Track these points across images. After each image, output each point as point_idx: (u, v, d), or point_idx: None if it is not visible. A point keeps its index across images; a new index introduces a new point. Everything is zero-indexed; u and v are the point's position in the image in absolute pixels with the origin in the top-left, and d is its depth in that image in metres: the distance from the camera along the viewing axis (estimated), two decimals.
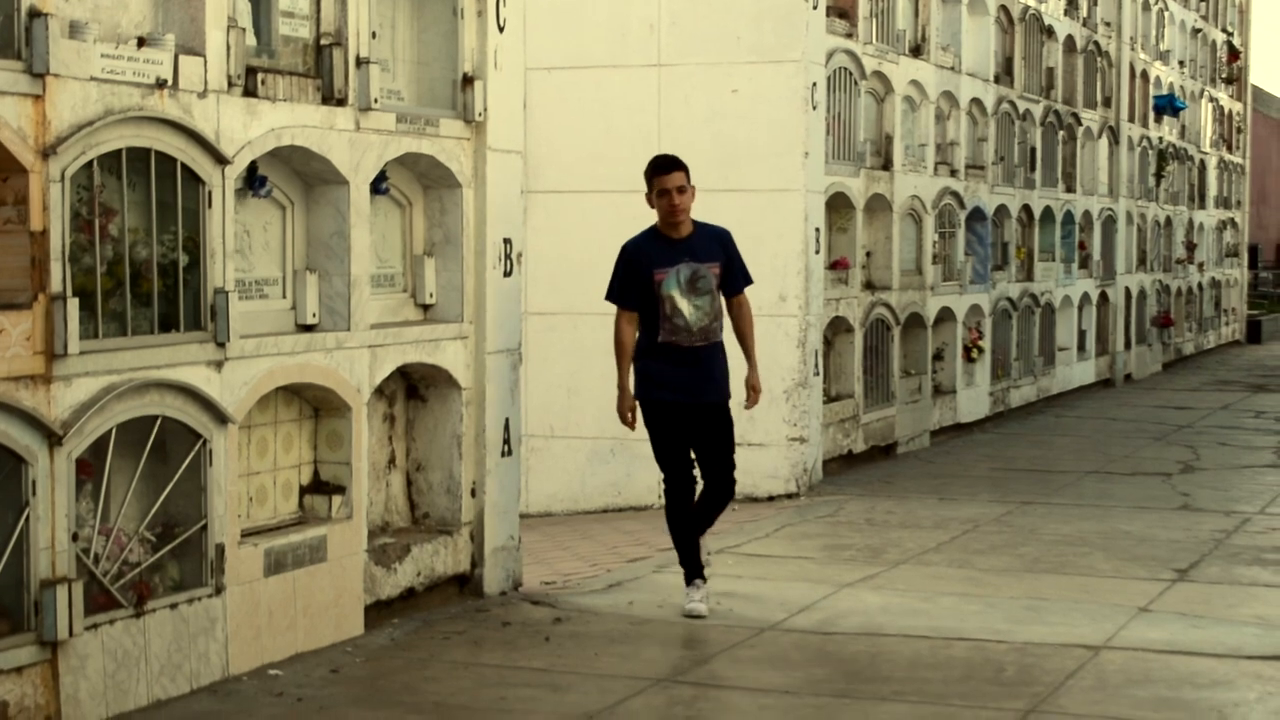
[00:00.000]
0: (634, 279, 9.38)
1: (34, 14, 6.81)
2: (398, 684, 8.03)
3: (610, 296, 9.59)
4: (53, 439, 6.87)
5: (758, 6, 14.01)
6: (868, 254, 16.28)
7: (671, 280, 9.31)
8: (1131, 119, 26.39)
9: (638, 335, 9.54)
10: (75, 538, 7.07)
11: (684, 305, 9.30)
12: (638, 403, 9.58)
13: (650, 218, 9.51)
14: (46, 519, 6.87)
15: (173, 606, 7.64)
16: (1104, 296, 24.93)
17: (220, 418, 7.81)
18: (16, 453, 6.75)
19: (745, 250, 13.89)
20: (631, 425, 9.61)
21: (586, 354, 14.06)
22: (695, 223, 9.57)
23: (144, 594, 7.47)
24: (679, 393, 9.43)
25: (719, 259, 9.53)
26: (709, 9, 14.07)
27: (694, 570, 9.57)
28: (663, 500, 14.02)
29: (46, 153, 6.86)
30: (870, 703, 7.72)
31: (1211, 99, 33.31)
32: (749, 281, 9.85)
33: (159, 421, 7.55)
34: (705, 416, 9.52)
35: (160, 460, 7.65)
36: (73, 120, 6.99)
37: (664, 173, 9.37)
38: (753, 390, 9.78)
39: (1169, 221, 29.46)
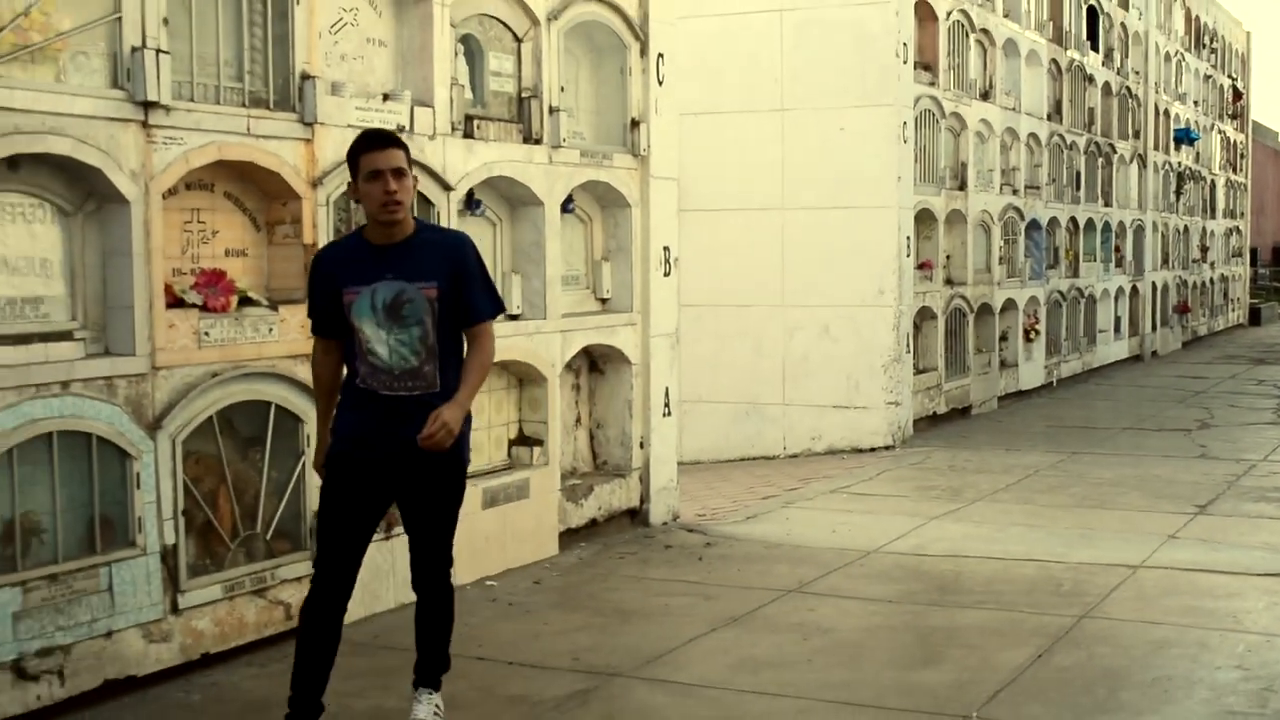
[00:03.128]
0: (324, 298, 5.54)
1: (305, 77, 6.95)
2: (585, 593, 8.08)
3: (310, 318, 5.77)
4: None
5: (860, 63, 13.93)
6: (947, 256, 16.14)
7: (364, 304, 5.41)
8: (1156, 148, 26.01)
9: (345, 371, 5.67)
10: None
11: (380, 340, 5.42)
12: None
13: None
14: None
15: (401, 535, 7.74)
16: (1134, 289, 24.58)
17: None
18: (294, 413, 6.88)
19: (851, 256, 13.99)
20: None
21: (725, 337, 14.11)
22: (421, 224, 5.69)
23: (391, 522, 7.55)
24: (369, 450, 5.48)
25: (438, 277, 5.48)
26: (821, 65, 14.01)
27: (301, 711, 5.50)
28: (787, 450, 14.14)
29: (315, 183, 6.99)
30: (956, 609, 7.67)
31: (1219, 131, 32.75)
32: (495, 309, 5.75)
33: None
34: (408, 486, 5.58)
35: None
36: (334, 158, 7.09)
37: (377, 148, 5.45)
38: (435, 420, 5.33)
39: (1186, 229, 29.01)
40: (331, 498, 5.53)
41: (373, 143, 5.48)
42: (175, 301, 6.40)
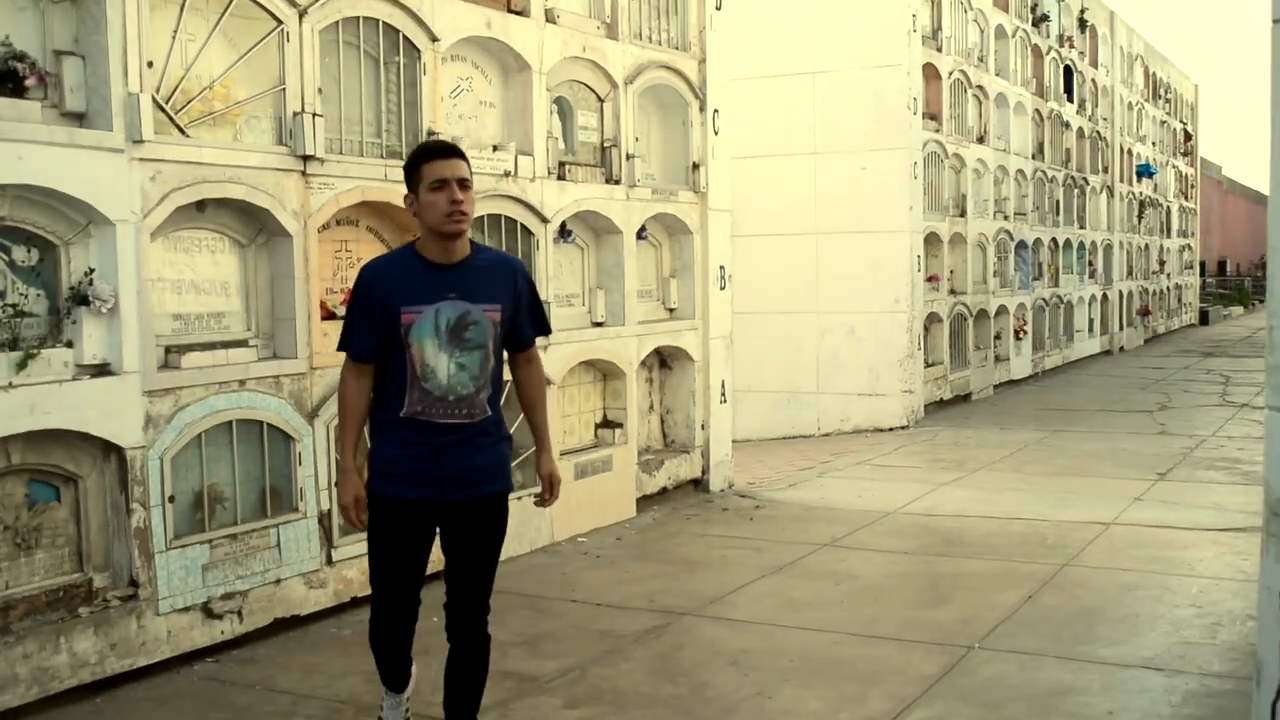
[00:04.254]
0: (372, 317, 4.23)
1: (430, 133, 6.97)
2: (658, 547, 8.08)
3: (341, 344, 4.36)
4: None
5: (878, 114, 13.85)
6: (951, 271, 15.99)
7: (426, 324, 4.18)
8: (1121, 180, 25.68)
9: (377, 399, 4.32)
10: None
11: (440, 363, 4.19)
12: (365, 495, 4.30)
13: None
14: None
15: (519, 498, 7.69)
16: (1105, 296, 24.27)
17: (546, 381, 7.90)
18: None
19: (872, 271, 13.92)
20: (358, 523, 4.31)
21: (769, 339, 14.07)
22: (474, 245, 4.34)
23: None
24: (421, 487, 4.23)
25: (504, 300, 4.30)
26: (846, 117, 13.93)
27: (396, 678, 4.52)
28: (821, 430, 14.07)
29: None
30: (960, 559, 7.61)
31: (1173, 166, 32.29)
32: (545, 330, 4.63)
33: (508, 384, 7.64)
34: (461, 520, 4.30)
35: (509, 407, 7.72)
36: None
37: (440, 157, 4.22)
38: (550, 482, 4.63)
39: (1147, 247, 28.62)
40: (385, 541, 4.26)
41: (436, 152, 4.23)
42: (328, 315, 6.46)
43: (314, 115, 6.22)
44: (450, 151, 4.22)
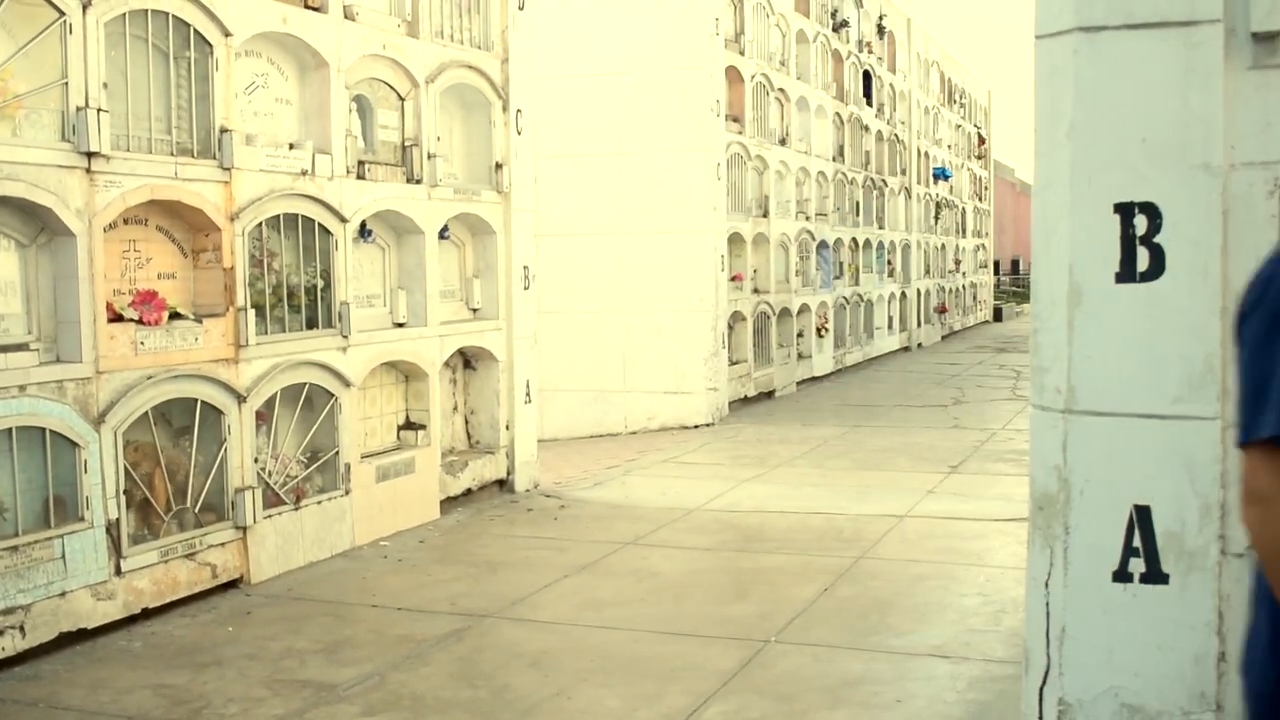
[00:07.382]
0: None
1: (223, 130, 6.81)
2: (461, 549, 8.03)
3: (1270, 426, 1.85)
4: (240, 398, 6.88)
5: (682, 116, 14.01)
6: (754, 270, 16.27)
7: None
8: (919, 182, 26.45)
9: None
10: (256, 460, 7.09)
11: None
12: None
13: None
14: (237, 449, 6.89)
15: (319, 503, 7.65)
16: (904, 294, 24.98)
17: (345, 383, 7.81)
18: (218, 407, 6.76)
19: (677, 271, 14.11)
20: None
21: (576, 338, 14.13)
22: None
23: (300, 495, 7.48)
24: None
25: None
26: (651, 118, 14.07)
27: None
28: (627, 427, 14.20)
29: (233, 217, 6.87)
30: (761, 553, 7.75)
31: (968, 169, 33.44)
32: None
33: (307, 386, 7.55)
34: None
35: (308, 410, 7.65)
36: (248, 197, 6.99)
37: None
38: None
39: (943, 246, 29.54)
40: None
41: None
42: (115, 317, 6.27)
43: (99, 111, 6.02)
44: None
